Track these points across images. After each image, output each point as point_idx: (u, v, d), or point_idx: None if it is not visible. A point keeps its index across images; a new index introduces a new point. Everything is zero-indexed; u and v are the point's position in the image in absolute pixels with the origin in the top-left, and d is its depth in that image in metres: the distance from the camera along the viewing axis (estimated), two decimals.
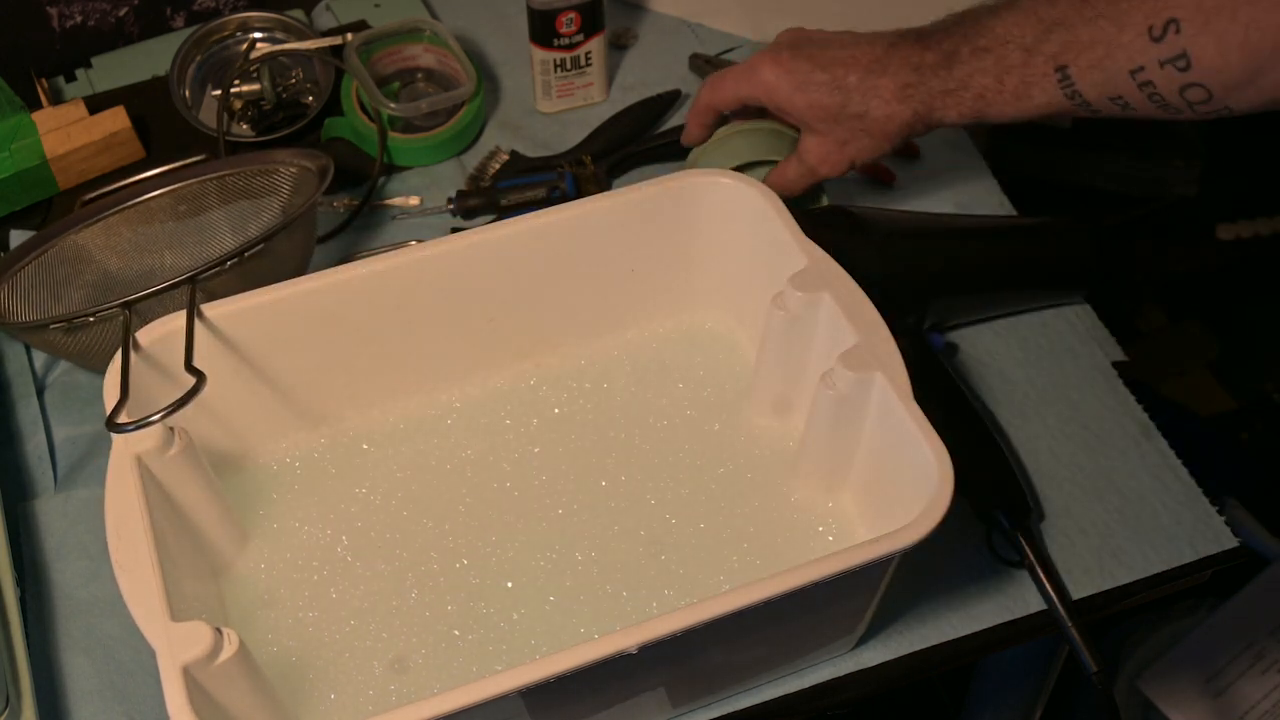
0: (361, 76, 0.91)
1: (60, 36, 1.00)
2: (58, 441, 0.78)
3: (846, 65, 0.72)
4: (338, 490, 0.71)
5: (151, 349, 0.63)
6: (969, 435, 0.74)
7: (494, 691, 0.50)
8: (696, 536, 0.68)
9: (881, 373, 0.59)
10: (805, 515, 0.69)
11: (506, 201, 0.88)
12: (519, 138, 0.95)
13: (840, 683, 0.68)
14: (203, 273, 0.67)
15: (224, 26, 0.98)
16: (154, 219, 0.80)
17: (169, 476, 0.61)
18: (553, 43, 0.92)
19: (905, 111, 0.70)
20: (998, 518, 0.71)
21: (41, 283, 0.77)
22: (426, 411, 0.73)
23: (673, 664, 0.59)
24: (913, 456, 0.57)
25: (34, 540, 0.73)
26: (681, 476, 0.71)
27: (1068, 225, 0.82)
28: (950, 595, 0.70)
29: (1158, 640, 0.99)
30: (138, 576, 0.54)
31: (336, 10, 1.02)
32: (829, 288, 0.63)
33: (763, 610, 0.53)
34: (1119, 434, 0.77)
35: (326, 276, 0.66)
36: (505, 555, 0.68)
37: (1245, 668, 0.95)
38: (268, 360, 0.68)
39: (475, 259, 0.68)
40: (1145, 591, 0.72)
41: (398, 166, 0.93)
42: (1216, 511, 0.74)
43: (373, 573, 0.68)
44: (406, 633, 0.65)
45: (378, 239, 0.89)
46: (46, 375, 0.81)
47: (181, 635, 0.52)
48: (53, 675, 0.68)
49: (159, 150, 0.93)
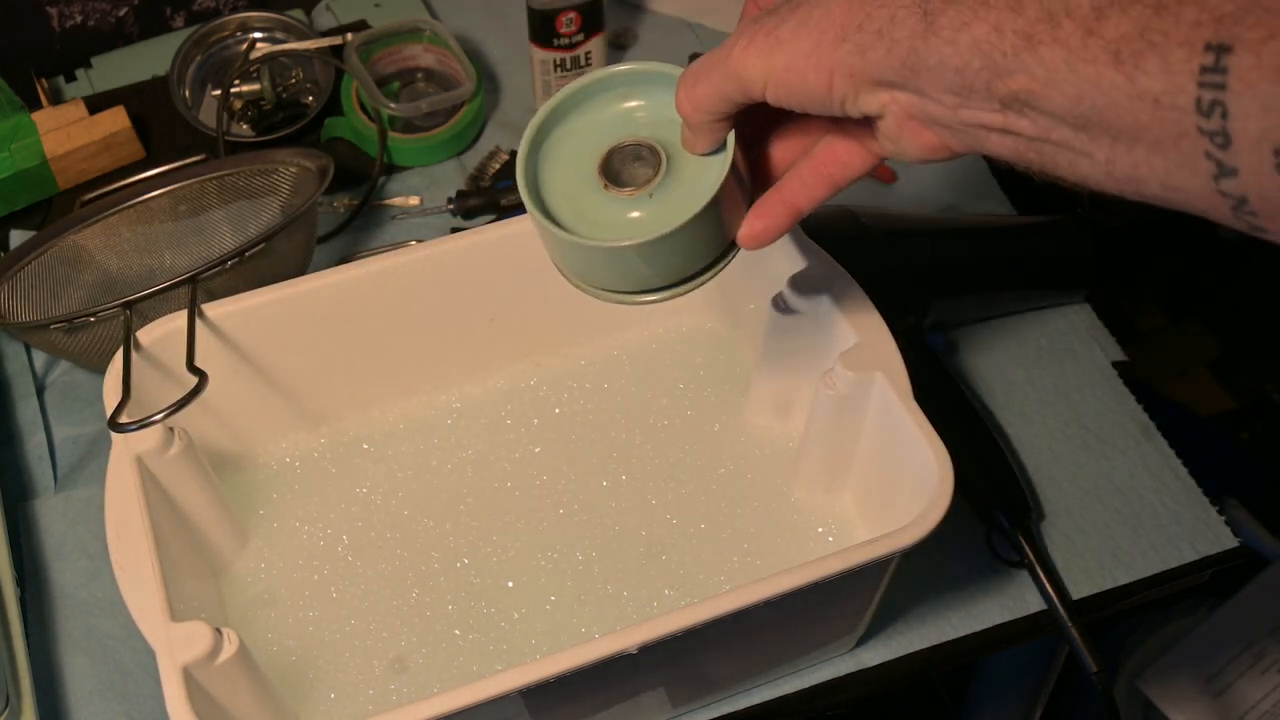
0: (361, 76, 0.91)
1: (60, 36, 1.00)
2: (58, 441, 0.78)
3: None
4: (338, 490, 0.71)
5: (152, 349, 0.63)
6: (969, 435, 0.74)
7: (494, 691, 0.50)
8: (696, 536, 0.68)
9: (881, 373, 0.59)
10: (805, 515, 0.69)
11: (506, 201, 0.88)
12: (519, 138, 0.95)
13: (840, 683, 0.68)
14: (203, 272, 0.67)
15: (224, 26, 0.98)
16: (154, 219, 0.80)
17: (169, 476, 0.61)
18: (553, 43, 0.92)
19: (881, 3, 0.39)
20: (998, 518, 0.71)
21: (41, 283, 0.77)
22: (427, 411, 0.73)
23: (673, 664, 0.59)
24: (913, 456, 0.57)
25: (34, 540, 0.73)
26: (682, 477, 0.71)
27: (1068, 225, 0.83)
28: (950, 595, 0.70)
29: (1158, 640, 0.99)
30: (138, 576, 0.54)
31: (336, 10, 1.02)
32: (830, 288, 0.63)
33: (763, 610, 0.53)
34: (1119, 434, 0.77)
35: (326, 276, 0.66)
36: (506, 555, 0.68)
37: (1245, 668, 0.95)
38: (268, 360, 0.68)
39: (475, 259, 0.68)
40: (1145, 591, 0.72)
41: (398, 166, 0.93)
42: (1216, 511, 0.74)
43: (373, 572, 0.68)
44: (406, 633, 0.65)
45: (378, 239, 0.89)
46: (46, 375, 0.81)
47: (181, 635, 0.52)
48: (53, 675, 0.68)
49: (159, 150, 0.93)
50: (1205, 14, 0.30)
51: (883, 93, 0.40)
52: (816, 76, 0.41)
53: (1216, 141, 0.31)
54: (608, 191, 0.51)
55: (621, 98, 0.53)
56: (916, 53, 0.37)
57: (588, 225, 0.52)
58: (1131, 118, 0.33)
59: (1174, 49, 0.31)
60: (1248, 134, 0.30)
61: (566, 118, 0.54)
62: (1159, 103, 0.32)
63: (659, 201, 0.51)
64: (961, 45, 0.36)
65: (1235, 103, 0.30)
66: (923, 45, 0.37)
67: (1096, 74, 0.33)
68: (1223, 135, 0.31)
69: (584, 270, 0.54)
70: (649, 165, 0.51)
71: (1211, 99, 0.30)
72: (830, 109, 0.42)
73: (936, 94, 0.38)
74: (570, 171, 0.53)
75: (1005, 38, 0.35)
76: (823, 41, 0.40)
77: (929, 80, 0.38)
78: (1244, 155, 0.30)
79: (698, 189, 0.49)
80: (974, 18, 0.35)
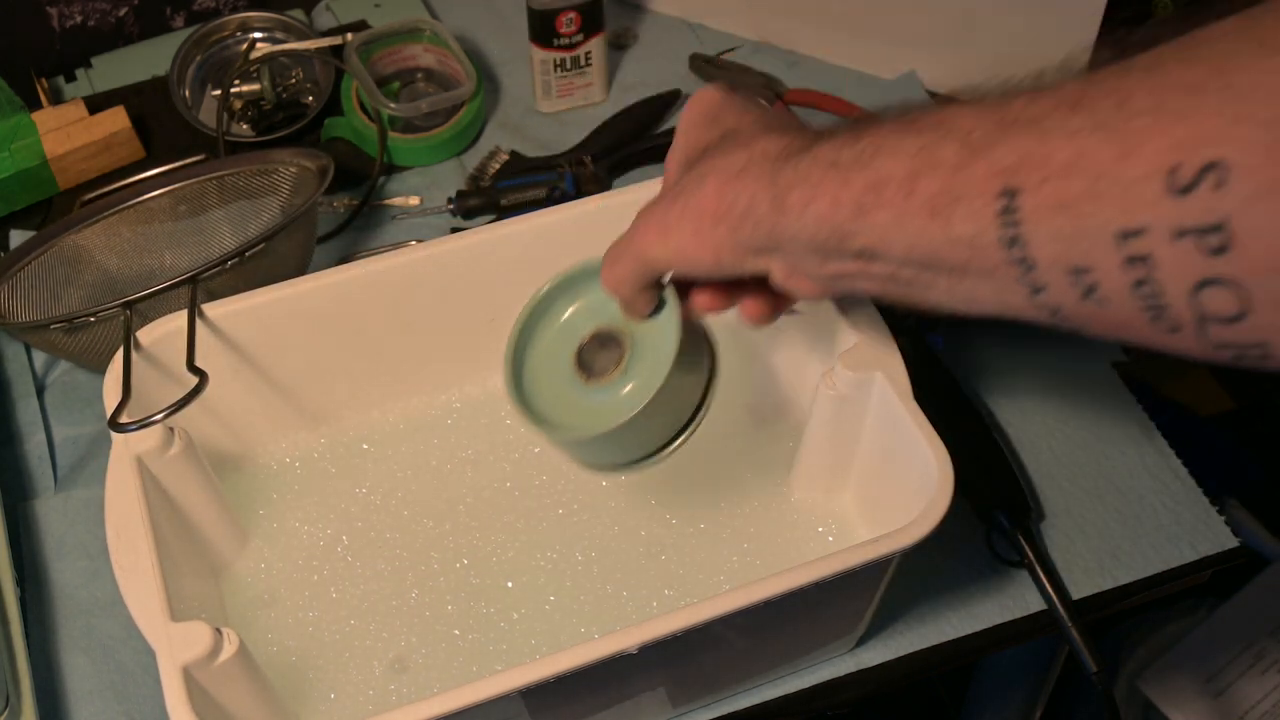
0: (361, 76, 0.91)
1: (60, 36, 1.00)
2: (58, 441, 0.78)
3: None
4: (338, 490, 0.71)
5: (152, 349, 0.63)
6: (969, 435, 0.74)
7: (494, 691, 0.50)
8: (696, 536, 0.68)
9: (881, 373, 0.59)
10: (805, 515, 0.69)
11: (506, 201, 0.88)
12: (519, 138, 0.95)
13: (840, 683, 0.68)
14: (203, 272, 0.67)
15: (224, 26, 0.98)
16: (154, 219, 0.80)
17: (169, 476, 0.61)
18: (553, 43, 0.92)
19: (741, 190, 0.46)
20: (998, 518, 0.71)
21: (41, 283, 0.77)
22: (426, 411, 0.73)
23: (673, 664, 0.59)
24: (913, 456, 0.57)
25: (34, 540, 0.73)
26: (682, 476, 0.71)
27: None
28: (950, 595, 0.70)
29: (1158, 640, 0.99)
30: (138, 576, 0.54)
31: (336, 10, 1.02)
32: None
33: (763, 610, 0.53)
34: (1119, 434, 0.77)
35: (326, 276, 0.66)
36: (505, 555, 0.68)
37: (1245, 668, 0.95)
38: (268, 360, 0.68)
39: (475, 259, 0.68)
40: (1145, 591, 0.72)
41: (398, 166, 0.93)
42: (1216, 511, 0.74)
43: (373, 572, 0.68)
44: (406, 633, 0.65)
45: (378, 239, 0.89)
46: (46, 375, 0.81)
47: (181, 635, 0.52)
48: (53, 675, 0.68)
49: (159, 150, 0.93)
50: (994, 168, 0.37)
51: (761, 259, 0.47)
52: (704, 254, 0.48)
53: (1023, 267, 0.37)
54: (589, 385, 0.58)
55: (571, 299, 0.60)
56: (777, 229, 0.44)
57: (584, 417, 0.57)
58: (954, 258, 0.39)
59: (975, 199, 0.37)
60: (1045, 258, 0.36)
61: (534, 335, 0.61)
62: (972, 244, 0.38)
63: (635, 374, 0.57)
64: (809, 220, 0.43)
65: (1030, 235, 0.36)
66: (780, 223, 0.44)
67: (919, 227, 0.40)
68: (1026, 262, 0.37)
69: (600, 456, 0.60)
70: (616, 348, 0.58)
71: (1011, 235, 0.37)
72: (725, 276, 0.49)
73: (802, 257, 0.45)
74: (552, 378, 0.59)
75: (842, 209, 0.42)
76: (701, 226, 0.47)
77: (792, 248, 0.45)
78: (1047, 275, 0.37)
79: (662, 350, 0.55)
80: (815, 194, 0.42)
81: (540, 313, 0.60)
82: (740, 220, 0.46)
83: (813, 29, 0.98)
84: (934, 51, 0.96)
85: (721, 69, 0.97)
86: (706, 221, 0.47)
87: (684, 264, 0.49)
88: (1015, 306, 0.39)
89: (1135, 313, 0.36)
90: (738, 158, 0.47)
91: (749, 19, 1.01)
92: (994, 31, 0.91)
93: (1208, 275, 0.33)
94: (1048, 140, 0.36)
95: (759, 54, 1.00)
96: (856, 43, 0.98)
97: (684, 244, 0.48)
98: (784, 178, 0.44)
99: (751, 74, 0.97)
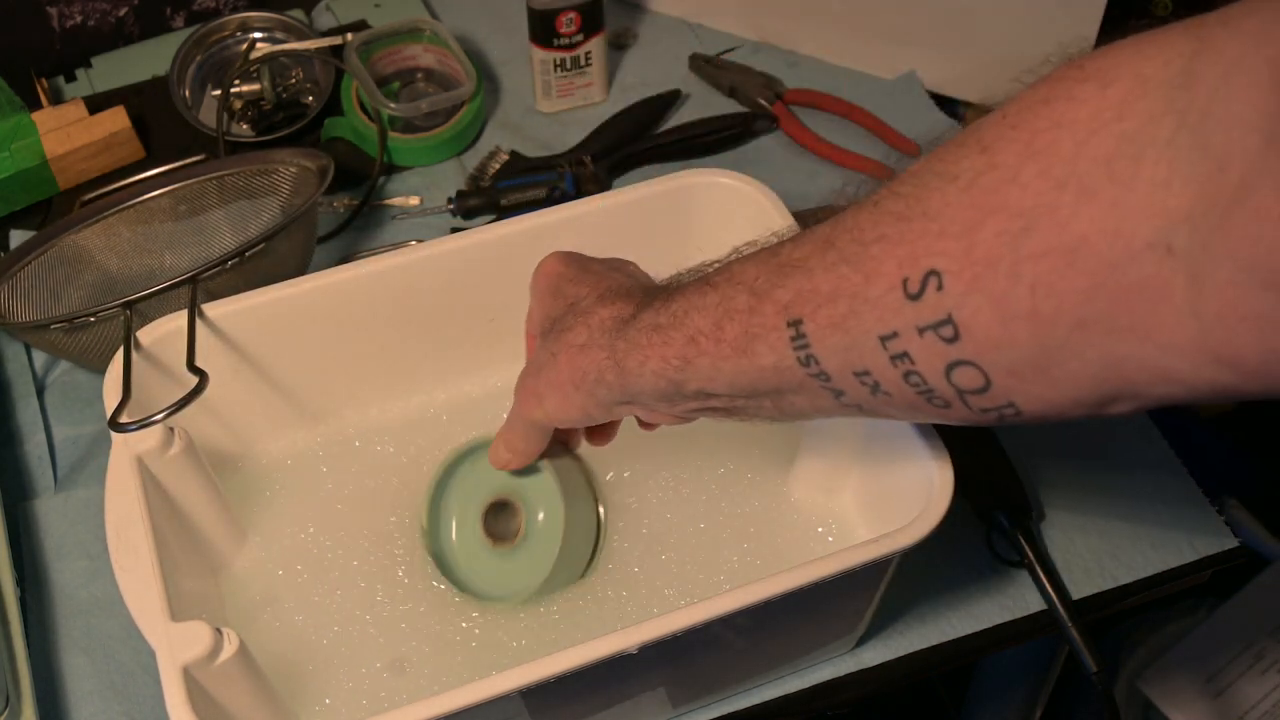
0: (361, 76, 0.91)
1: (60, 36, 1.00)
2: (58, 441, 0.78)
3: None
4: (338, 489, 0.71)
5: (152, 349, 0.63)
6: (969, 435, 0.73)
7: (494, 691, 0.50)
8: (696, 536, 0.68)
9: None
10: (805, 515, 0.69)
11: (506, 201, 0.88)
12: (519, 138, 0.95)
13: (840, 683, 0.68)
14: (203, 272, 0.67)
15: (224, 26, 0.98)
16: (154, 219, 0.80)
17: (169, 476, 0.61)
18: (553, 43, 0.92)
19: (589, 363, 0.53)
20: (998, 518, 0.71)
21: (41, 283, 0.77)
22: (426, 411, 0.73)
23: (673, 664, 0.59)
24: (913, 456, 0.57)
25: (34, 540, 0.73)
26: (682, 476, 0.71)
27: None
28: (950, 595, 0.70)
29: (1158, 640, 0.99)
30: (138, 576, 0.54)
31: (336, 10, 1.02)
32: None
33: (763, 610, 0.53)
34: (1119, 434, 0.77)
35: (326, 276, 0.66)
36: None
37: (1245, 668, 0.95)
38: (267, 360, 0.68)
39: (475, 259, 0.68)
40: (1145, 591, 0.72)
41: (398, 166, 0.93)
42: (1216, 511, 0.74)
43: (373, 572, 0.68)
44: (406, 633, 0.65)
45: (378, 239, 0.89)
46: (46, 375, 0.81)
47: (181, 635, 0.52)
48: (53, 675, 0.68)
49: (159, 150, 0.93)
50: (777, 305, 0.45)
51: (623, 408, 0.55)
52: (574, 412, 0.55)
53: (822, 379, 0.45)
54: (498, 548, 0.66)
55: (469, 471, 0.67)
56: (626, 387, 0.52)
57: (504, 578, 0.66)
58: (769, 383, 0.47)
59: (769, 333, 0.45)
60: (835, 368, 0.44)
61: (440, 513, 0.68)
62: (777, 369, 0.46)
63: (536, 534, 0.65)
64: (648, 376, 0.50)
65: (819, 352, 0.44)
66: (626, 383, 0.52)
67: (734, 366, 0.47)
68: (824, 375, 0.44)
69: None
70: (512, 512, 0.66)
71: (805, 355, 0.44)
72: (599, 423, 0.58)
73: (654, 403, 0.52)
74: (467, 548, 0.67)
75: (670, 363, 0.49)
76: (565, 393, 0.55)
77: (644, 398, 0.52)
78: (841, 382, 0.44)
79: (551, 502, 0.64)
80: (647, 356, 0.50)
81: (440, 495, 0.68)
82: (594, 386, 0.53)
83: (813, 29, 0.98)
84: (934, 51, 0.96)
85: (721, 69, 0.97)
86: (568, 389, 0.54)
87: (563, 422, 0.57)
88: (830, 410, 0.47)
89: (914, 398, 0.43)
90: (579, 334, 0.54)
91: (749, 19, 1.01)
92: (994, 31, 0.91)
93: (952, 359, 0.40)
94: (813, 276, 0.44)
95: (759, 54, 1.00)
96: (856, 43, 0.98)
97: (556, 407, 0.56)
98: (620, 346, 0.52)
99: (751, 74, 0.97)
